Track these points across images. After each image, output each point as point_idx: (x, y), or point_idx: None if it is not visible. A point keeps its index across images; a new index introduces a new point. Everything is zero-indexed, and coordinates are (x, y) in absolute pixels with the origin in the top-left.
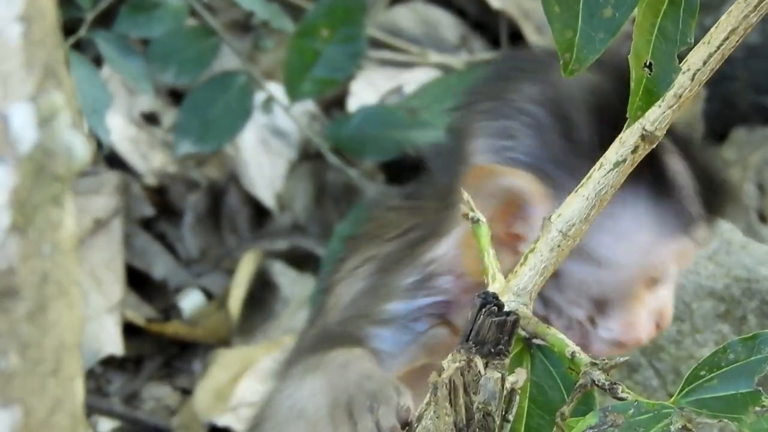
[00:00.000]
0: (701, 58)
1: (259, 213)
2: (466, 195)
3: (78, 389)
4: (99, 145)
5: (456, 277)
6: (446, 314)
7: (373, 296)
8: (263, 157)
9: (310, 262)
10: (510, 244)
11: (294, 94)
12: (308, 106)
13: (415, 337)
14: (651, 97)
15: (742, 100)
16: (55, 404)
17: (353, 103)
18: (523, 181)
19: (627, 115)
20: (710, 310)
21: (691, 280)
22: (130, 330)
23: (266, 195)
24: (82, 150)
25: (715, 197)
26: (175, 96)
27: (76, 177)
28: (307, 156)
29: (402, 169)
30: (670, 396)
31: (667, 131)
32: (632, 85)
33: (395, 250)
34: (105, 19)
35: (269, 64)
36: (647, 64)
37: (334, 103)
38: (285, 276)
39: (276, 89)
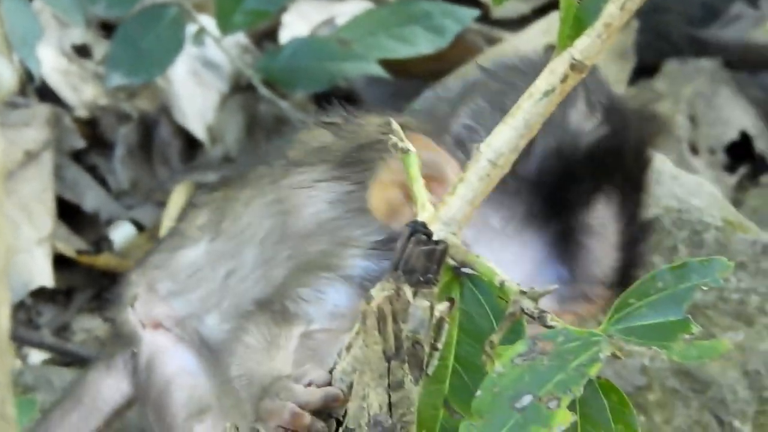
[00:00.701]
0: None
1: (191, 145)
2: (395, 125)
3: (4, 316)
4: (30, 77)
5: None
6: None
7: (339, 237)
8: (194, 89)
9: None
10: None
11: (225, 26)
12: (240, 38)
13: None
14: (580, 25)
15: (675, 32)
16: None
17: (285, 35)
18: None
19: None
20: None
21: None
22: (60, 262)
23: (197, 127)
24: (8, 78)
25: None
26: (107, 28)
27: (4, 107)
28: (239, 88)
29: (333, 101)
30: (599, 325)
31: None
32: (561, 13)
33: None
34: None
35: None
36: None
37: (265, 35)
38: None
39: (207, 21)
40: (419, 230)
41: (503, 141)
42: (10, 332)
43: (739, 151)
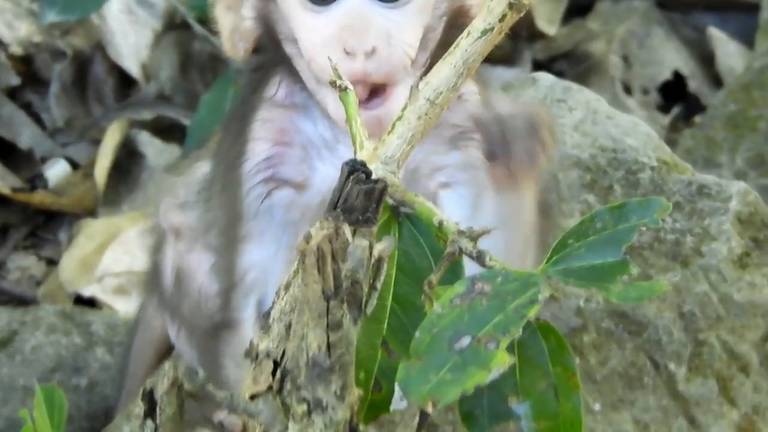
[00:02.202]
0: None
1: (125, 82)
2: (333, 62)
3: None
4: None
5: None
6: None
7: None
8: (129, 26)
9: (175, 132)
10: None
11: None
12: None
13: None
14: None
15: None
16: None
17: None
18: None
19: None
20: (576, 179)
21: (557, 150)
22: None
23: (132, 65)
24: None
25: None
26: None
27: None
28: (173, 26)
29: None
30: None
31: None
32: None
33: None
34: None
35: None
36: None
37: None
38: (151, 146)
39: None
40: (358, 169)
41: (441, 79)
42: None
43: (673, 91)
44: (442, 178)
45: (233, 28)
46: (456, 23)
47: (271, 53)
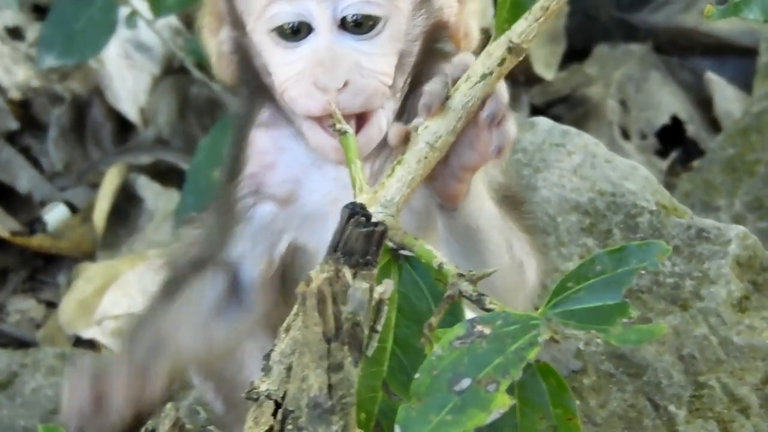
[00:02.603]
0: None
1: (123, 127)
2: (333, 106)
3: None
4: None
5: None
6: None
7: None
8: (127, 71)
9: (173, 176)
10: None
11: (158, 8)
12: (172, 20)
13: None
14: (518, 9)
15: (604, 16)
16: None
17: None
18: None
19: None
20: (575, 223)
21: (555, 194)
22: None
23: (130, 109)
24: None
25: None
26: (39, 11)
27: None
28: (171, 70)
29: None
30: (535, 308)
31: None
32: None
33: None
34: None
35: None
36: None
37: (197, 17)
38: (149, 189)
39: (140, 4)
40: (358, 212)
41: (441, 123)
42: None
43: (671, 136)
44: None
45: (218, 52)
46: (433, 38)
47: (252, 81)
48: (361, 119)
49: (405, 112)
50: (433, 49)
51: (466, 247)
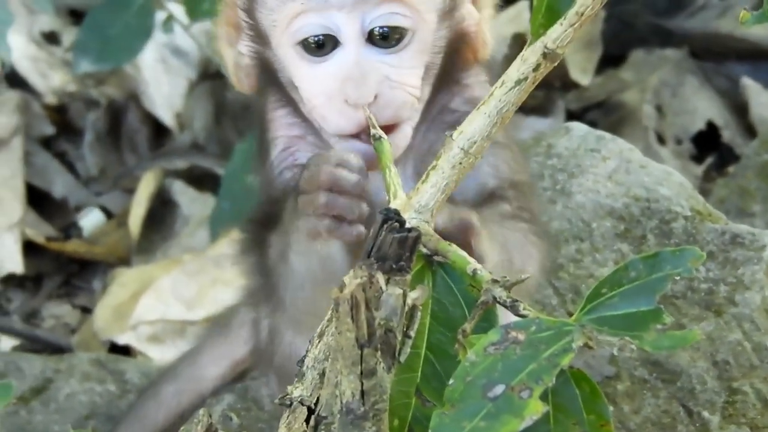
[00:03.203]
0: None
1: (159, 132)
2: (367, 112)
3: None
4: (0, 64)
5: None
6: None
7: None
8: (163, 76)
9: (209, 181)
10: None
11: (194, 13)
12: (208, 25)
13: None
14: (553, 15)
15: (640, 22)
16: None
17: None
18: None
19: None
20: (610, 229)
21: (590, 199)
22: (30, 248)
23: (166, 114)
24: None
25: None
26: (75, 15)
27: None
28: (207, 75)
29: None
30: (570, 314)
31: None
32: (535, 2)
33: None
34: None
35: None
36: None
37: None
38: (184, 195)
39: (176, 8)
40: (392, 217)
41: (475, 129)
42: None
43: (706, 141)
44: None
45: (235, 63)
46: (455, 48)
47: (276, 94)
48: (387, 129)
49: (425, 120)
50: (453, 57)
51: None
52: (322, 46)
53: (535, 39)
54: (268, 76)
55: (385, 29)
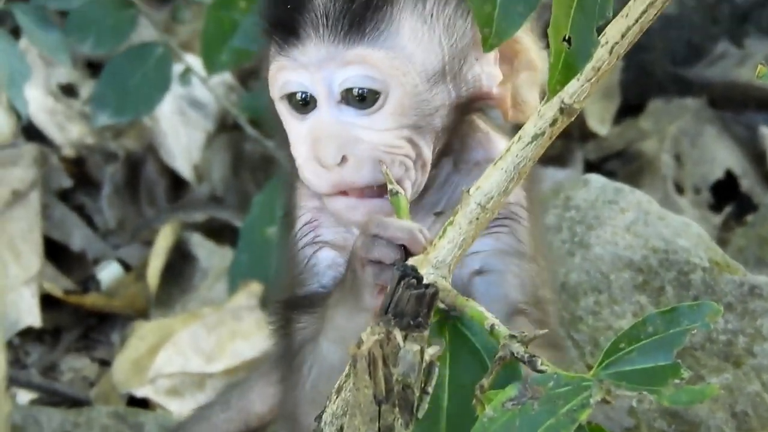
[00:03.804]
0: (619, 31)
1: (177, 184)
2: (385, 167)
3: (1, 361)
4: (17, 116)
5: None
6: None
7: None
8: (181, 128)
9: (227, 234)
10: None
11: (211, 65)
12: (226, 77)
13: None
14: (570, 70)
15: (659, 71)
16: None
17: None
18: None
19: (546, 89)
20: (628, 281)
21: (608, 251)
22: (48, 301)
23: (184, 166)
24: (2, 123)
25: None
26: (93, 67)
27: None
28: (225, 127)
29: None
30: (589, 367)
31: None
32: (551, 58)
33: None
34: None
35: (187, 35)
36: (566, 38)
37: (251, 74)
38: (203, 247)
39: (194, 61)
40: (409, 274)
41: (493, 184)
42: None
43: (725, 190)
44: (476, 264)
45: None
46: (471, 108)
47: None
48: (383, 188)
49: (437, 179)
50: (471, 117)
51: None
52: (306, 103)
53: (552, 95)
54: (280, 125)
55: (357, 90)
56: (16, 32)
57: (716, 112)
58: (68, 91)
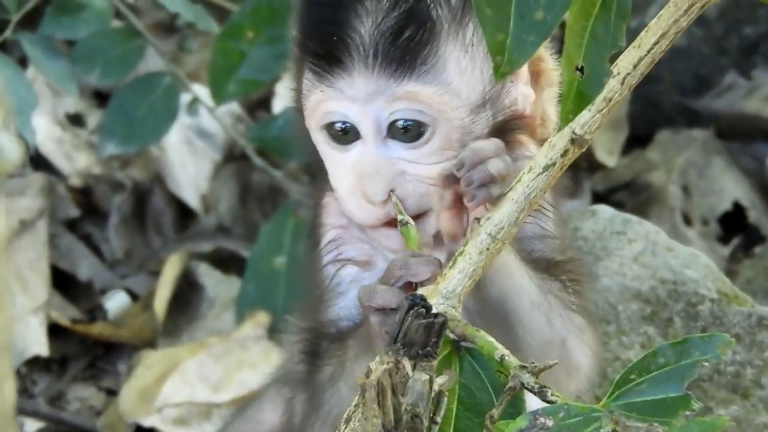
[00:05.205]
0: (631, 62)
1: (184, 214)
2: (395, 198)
3: (9, 390)
4: (27, 145)
5: None
6: None
7: None
8: (188, 158)
9: (234, 264)
10: None
11: (219, 95)
12: (233, 107)
13: None
14: (582, 100)
15: (667, 102)
16: None
17: (278, 105)
18: None
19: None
20: (636, 311)
21: (616, 282)
22: (55, 330)
23: (191, 196)
24: (12, 151)
25: None
26: (100, 97)
27: (5, 178)
28: (232, 157)
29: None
30: (597, 398)
31: None
32: (564, 88)
33: None
34: (30, 21)
35: (194, 65)
36: (579, 67)
37: (259, 105)
38: (210, 277)
39: (201, 91)
40: (418, 303)
41: (503, 215)
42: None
43: (733, 222)
44: None
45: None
46: (507, 129)
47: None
48: (415, 216)
49: None
50: (507, 138)
51: (494, 319)
52: (346, 133)
53: (564, 125)
54: (317, 155)
55: (404, 123)
56: (23, 62)
57: (724, 143)
58: (75, 120)
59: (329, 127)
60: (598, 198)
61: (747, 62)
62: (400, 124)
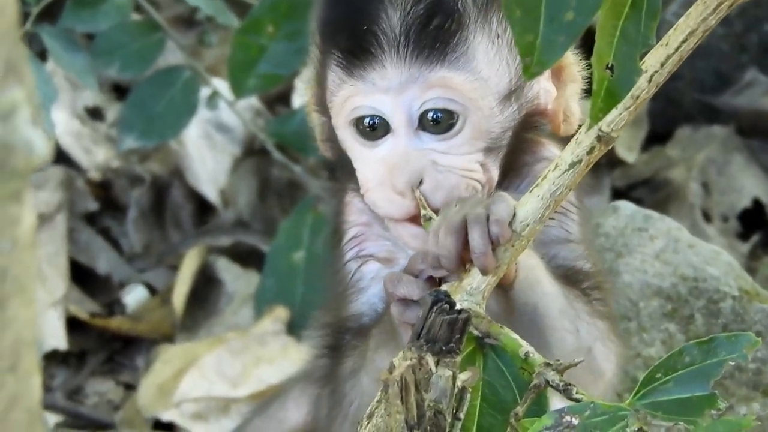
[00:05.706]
0: (659, 60)
1: (203, 208)
2: (418, 193)
3: (35, 385)
4: (53, 141)
5: None
6: None
7: None
8: (207, 152)
9: (253, 258)
10: None
11: (239, 89)
12: (253, 101)
13: None
14: (613, 98)
15: (687, 99)
16: (13, 400)
17: (298, 99)
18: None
19: (588, 116)
20: (657, 308)
21: (637, 279)
22: (73, 324)
23: (210, 190)
24: (41, 145)
25: None
26: (119, 91)
27: (32, 173)
28: (252, 152)
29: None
30: (618, 395)
31: None
32: (594, 86)
33: None
34: (50, 14)
35: (214, 59)
36: (609, 66)
37: (278, 99)
38: (229, 272)
39: (220, 85)
40: (441, 299)
41: (528, 212)
42: None
43: (752, 219)
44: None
45: (319, 131)
46: (528, 125)
47: (345, 167)
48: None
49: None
50: (528, 135)
51: (522, 327)
52: (375, 129)
53: (594, 123)
54: (337, 150)
55: (435, 114)
56: (42, 55)
57: (744, 140)
58: (94, 114)
59: (358, 123)
60: (618, 194)
61: (767, 59)
62: (431, 115)
